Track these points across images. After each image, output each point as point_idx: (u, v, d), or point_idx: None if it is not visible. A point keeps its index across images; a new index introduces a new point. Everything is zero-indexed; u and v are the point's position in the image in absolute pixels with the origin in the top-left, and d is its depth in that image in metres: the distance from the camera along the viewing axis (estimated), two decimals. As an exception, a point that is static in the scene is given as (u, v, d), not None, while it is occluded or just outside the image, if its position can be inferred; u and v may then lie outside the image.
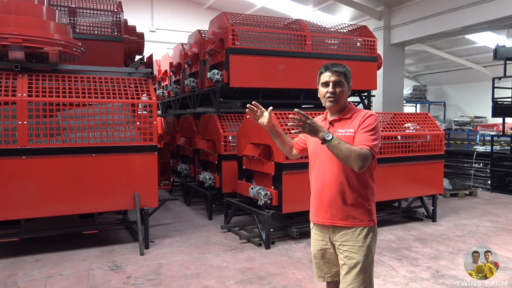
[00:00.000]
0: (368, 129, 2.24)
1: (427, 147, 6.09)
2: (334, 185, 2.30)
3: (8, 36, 4.31)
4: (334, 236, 2.35)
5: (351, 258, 2.28)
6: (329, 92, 2.33)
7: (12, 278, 4.02)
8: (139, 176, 4.89)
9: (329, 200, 2.32)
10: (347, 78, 2.37)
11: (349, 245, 2.29)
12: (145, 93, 5.04)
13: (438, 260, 4.58)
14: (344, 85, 2.35)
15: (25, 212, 4.48)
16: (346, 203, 2.29)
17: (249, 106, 2.49)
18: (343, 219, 2.30)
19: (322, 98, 2.39)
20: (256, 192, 5.05)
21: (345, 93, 2.36)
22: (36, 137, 4.47)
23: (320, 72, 2.40)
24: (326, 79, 2.34)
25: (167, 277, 4.05)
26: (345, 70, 2.36)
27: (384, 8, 10.38)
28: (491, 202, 7.89)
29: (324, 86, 2.36)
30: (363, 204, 2.31)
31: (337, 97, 2.33)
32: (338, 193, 2.29)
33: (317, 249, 2.46)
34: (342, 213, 2.30)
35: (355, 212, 2.29)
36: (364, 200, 2.32)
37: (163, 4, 14.59)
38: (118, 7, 6.90)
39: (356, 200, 2.29)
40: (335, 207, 2.31)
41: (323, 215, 2.35)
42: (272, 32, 6.40)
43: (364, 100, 7.60)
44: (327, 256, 2.44)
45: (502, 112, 9.09)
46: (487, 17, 8.32)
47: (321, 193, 2.36)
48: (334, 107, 2.36)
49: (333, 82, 2.32)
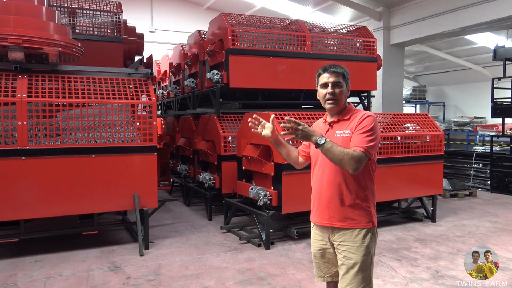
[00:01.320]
0: (364, 130, 2.24)
1: (426, 148, 6.10)
2: (332, 187, 2.31)
3: (8, 37, 4.31)
4: (333, 236, 2.35)
5: (349, 258, 2.28)
6: (328, 93, 2.33)
7: (11, 279, 4.02)
8: (139, 177, 4.88)
9: (327, 201, 2.33)
10: (345, 78, 2.37)
11: (348, 245, 2.29)
12: (145, 94, 5.04)
13: (438, 260, 4.58)
14: (343, 85, 2.35)
15: (24, 213, 4.47)
16: (344, 205, 2.29)
17: (250, 120, 2.48)
18: (341, 221, 2.30)
19: (322, 100, 2.39)
20: (256, 192, 5.05)
21: (344, 93, 2.36)
22: (36, 137, 4.47)
23: (319, 73, 2.41)
24: (324, 80, 2.35)
25: (167, 278, 4.05)
26: (344, 71, 2.37)
27: (383, 9, 10.39)
28: (491, 202, 7.89)
29: (323, 88, 2.37)
30: (362, 206, 2.30)
31: (337, 98, 2.33)
32: (336, 195, 2.30)
33: (317, 249, 2.46)
34: (340, 215, 2.30)
35: (353, 214, 2.29)
36: (363, 201, 2.31)
37: (163, 4, 14.60)
38: (118, 8, 6.91)
39: (354, 202, 2.29)
40: (333, 208, 2.31)
41: (322, 216, 2.36)
42: (272, 33, 6.40)
43: (364, 100, 7.60)
44: (327, 256, 2.45)
45: (502, 112, 9.10)
46: (486, 17, 8.33)
47: (320, 194, 2.37)
48: (334, 108, 2.36)
49: (332, 83, 2.33)
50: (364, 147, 2.19)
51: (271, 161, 5.03)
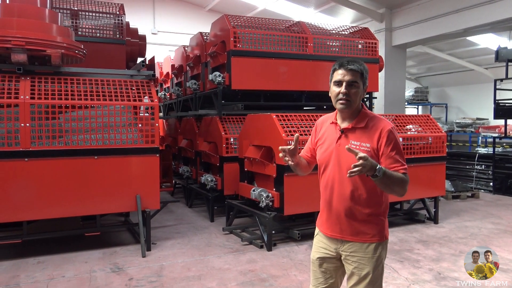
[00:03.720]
0: (396, 147, 2.07)
1: (429, 149, 6.09)
2: (343, 200, 2.14)
3: (11, 39, 4.33)
4: (342, 247, 2.19)
5: (360, 269, 2.14)
6: (342, 93, 2.08)
7: (14, 280, 4.03)
8: (141, 178, 4.90)
9: (337, 214, 2.17)
10: (363, 78, 2.12)
11: (359, 256, 2.15)
12: (147, 95, 5.06)
13: (440, 262, 4.57)
14: (360, 86, 2.10)
15: (27, 214, 4.49)
16: (355, 219, 2.14)
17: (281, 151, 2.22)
18: (353, 235, 2.15)
19: (333, 98, 2.15)
20: (258, 194, 5.06)
21: (360, 95, 2.12)
22: (39, 139, 4.48)
23: (334, 68, 2.14)
24: (339, 78, 2.09)
25: (169, 279, 4.06)
26: (362, 69, 2.10)
27: (385, 10, 10.39)
28: (493, 204, 7.87)
29: (336, 85, 2.11)
30: (375, 219, 2.15)
31: (350, 99, 2.09)
32: (348, 208, 2.13)
33: (317, 257, 2.29)
34: (352, 229, 2.15)
35: (366, 228, 2.14)
36: (376, 214, 2.15)
37: (165, 6, 14.64)
38: (120, 10, 6.93)
39: (367, 216, 2.13)
40: (344, 222, 2.15)
41: (333, 227, 2.20)
42: (274, 34, 6.42)
43: (366, 102, 7.60)
44: (325, 266, 2.27)
45: (504, 114, 9.07)
46: (489, 19, 8.32)
47: (329, 205, 2.21)
48: (346, 110, 2.12)
49: (347, 82, 2.07)
50: (405, 167, 2.04)
51: (273, 162, 5.03)
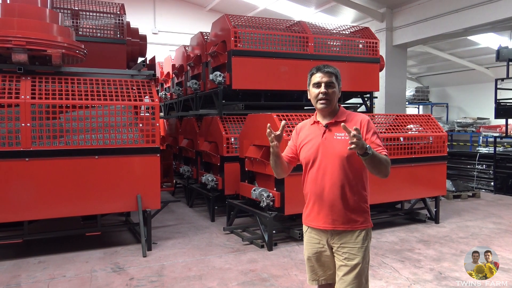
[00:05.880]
0: (376, 133, 2.32)
1: (429, 149, 6.08)
2: (335, 189, 2.28)
3: (12, 39, 4.34)
4: (332, 239, 2.33)
5: (351, 259, 2.27)
6: (321, 93, 2.32)
7: (15, 280, 4.03)
8: (142, 178, 4.90)
9: (330, 204, 2.29)
10: (338, 79, 2.38)
11: (349, 247, 2.28)
12: (148, 95, 5.06)
13: (441, 262, 4.56)
14: (335, 86, 2.35)
15: (28, 214, 4.49)
16: (347, 207, 2.29)
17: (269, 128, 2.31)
18: (344, 223, 2.29)
19: (313, 100, 2.39)
20: (259, 193, 5.06)
21: (337, 94, 2.36)
22: (39, 139, 4.49)
23: (312, 73, 2.42)
24: (318, 80, 2.35)
25: (170, 279, 4.06)
26: (336, 72, 2.38)
27: (386, 10, 10.38)
28: (494, 203, 7.86)
29: (316, 87, 2.36)
30: (362, 207, 2.32)
31: (329, 98, 2.33)
32: (340, 197, 2.28)
33: (313, 252, 2.41)
34: (343, 217, 2.29)
35: (355, 215, 2.30)
36: (363, 202, 2.33)
37: (166, 6, 14.64)
38: (121, 10, 6.93)
39: (357, 204, 2.30)
40: (336, 211, 2.29)
41: (325, 219, 2.32)
42: (274, 34, 6.41)
43: (367, 101, 7.58)
44: (323, 259, 2.40)
45: (505, 113, 9.05)
46: (489, 18, 8.30)
47: (321, 197, 2.32)
48: (326, 108, 2.34)
49: (325, 83, 2.33)
50: (386, 151, 2.27)
51: (274, 162, 5.02)
